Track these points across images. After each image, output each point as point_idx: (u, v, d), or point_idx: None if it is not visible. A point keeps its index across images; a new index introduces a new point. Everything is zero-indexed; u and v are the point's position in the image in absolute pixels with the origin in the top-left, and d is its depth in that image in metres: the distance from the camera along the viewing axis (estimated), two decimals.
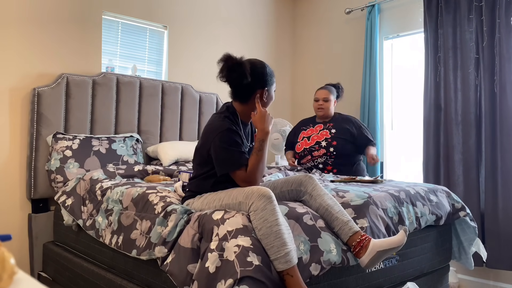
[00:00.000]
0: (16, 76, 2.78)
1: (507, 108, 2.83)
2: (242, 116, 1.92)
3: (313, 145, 3.09)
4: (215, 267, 1.43)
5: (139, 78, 3.25)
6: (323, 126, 3.16)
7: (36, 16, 2.85)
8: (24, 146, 2.81)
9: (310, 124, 3.24)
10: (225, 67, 1.81)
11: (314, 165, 3.08)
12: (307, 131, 3.20)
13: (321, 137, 3.09)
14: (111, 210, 2.13)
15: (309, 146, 3.10)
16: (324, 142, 3.05)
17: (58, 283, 2.55)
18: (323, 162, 3.05)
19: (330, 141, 3.04)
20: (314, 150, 3.07)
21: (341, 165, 3.03)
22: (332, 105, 3.17)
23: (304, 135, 3.20)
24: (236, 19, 4.04)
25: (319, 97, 3.16)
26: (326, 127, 3.14)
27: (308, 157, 3.10)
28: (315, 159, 3.07)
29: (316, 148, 3.07)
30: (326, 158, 3.03)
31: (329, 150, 3.02)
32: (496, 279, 2.94)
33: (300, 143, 3.17)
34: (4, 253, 0.61)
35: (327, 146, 3.03)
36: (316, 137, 3.11)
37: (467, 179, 2.99)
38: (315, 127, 3.19)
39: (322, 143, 3.06)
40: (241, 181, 1.74)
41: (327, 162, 3.04)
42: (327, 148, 3.03)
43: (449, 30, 3.13)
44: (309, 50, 4.40)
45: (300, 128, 3.29)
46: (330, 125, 3.14)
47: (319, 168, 3.06)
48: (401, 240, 1.64)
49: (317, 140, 3.09)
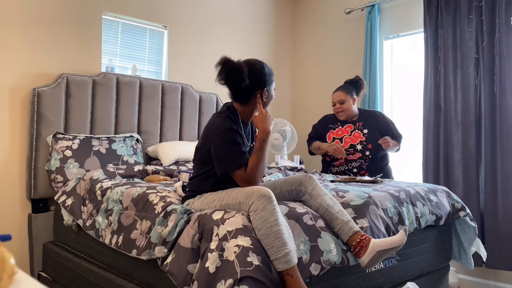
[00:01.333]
0: (16, 76, 2.78)
1: (507, 108, 2.83)
2: (242, 116, 1.92)
3: (347, 148, 2.94)
4: (215, 267, 1.44)
5: (139, 78, 3.25)
6: (353, 126, 3.00)
7: (36, 15, 2.85)
8: (24, 146, 2.81)
9: (338, 123, 3.07)
10: (223, 70, 1.80)
11: (348, 169, 2.94)
12: (337, 131, 3.03)
13: (355, 140, 2.93)
14: (111, 210, 2.13)
15: (344, 149, 2.93)
16: (359, 145, 2.91)
17: (58, 283, 2.55)
18: (357, 166, 2.91)
19: (365, 144, 2.90)
20: (349, 153, 2.93)
21: (374, 169, 2.92)
22: (351, 105, 3.00)
23: (334, 135, 3.03)
24: (236, 19, 4.05)
25: (334, 100, 3.02)
26: (357, 128, 2.98)
27: (342, 160, 2.96)
28: (349, 163, 2.93)
29: (351, 152, 2.93)
30: (361, 162, 2.91)
31: (365, 154, 2.90)
32: (496, 279, 2.94)
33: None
34: (4, 253, 0.61)
35: (363, 150, 2.90)
36: (349, 139, 2.96)
37: (466, 179, 2.99)
38: (344, 127, 3.02)
39: (357, 147, 2.91)
40: (241, 181, 1.74)
41: (361, 166, 2.91)
42: (363, 152, 2.90)
43: (449, 30, 3.13)
44: (309, 50, 4.40)
45: (328, 125, 3.10)
46: (360, 125, 2.98)
47: (353, 173, 2.93)
48: (401, 240, 1.65)
49: (352, 143, 2.94)
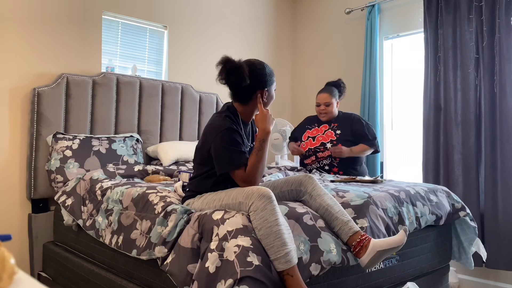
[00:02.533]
0: (16, 76, 2.78)
1: (507, 108, 2.83)
2: (242, 116, 1.92)
3: (318, 146, 3.05)
4: (215, 267, 1.44)
5: (139, 78, 3.25)
6: (328, 126, 3.11)
7: (36, 16, 2.85)
8: (24, 146, 2.81)
9: (315, 124, 3.19)
10: (224, 70, 1.80)
11: (320, 167, 3.03)
12: (312, 131, 3.15)
13: (326, 139, 3.04)
14: (111, 210, 2.13)
15: (314, 147, 3.05)
16: (329, 144, 3.01)
17: (58, 283, 2.55)
18: (328, 164, 3.00)
19: (335, 144, 2.99)
20: (319, 151, 3.03)
21: (347, 168, 2.99)
22: (334, 108, 3.10)
23: (309, 134, 3.15)
24: (236, 19, 4.05)
25: (320, 101, 3.09)
26: (331, 128, 3.09)
27: (313, 157, 3.06)
28: (320, 160, 3.03)
29: (321, 150, 3.03)
30: (332, 160, 2.99)
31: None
32: (496, 279, 2.94)
33: (305, 143, 3.13)
34: (4, 253, 0.61)
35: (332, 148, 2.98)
36: (321, 138, 3.06)
37: (466, 179, 2.99)
38: (320, 127, 3.14)
39: (327, 145, 3.01)
40: (241, 180, 1.74)
41: (333, 164, 3.00)
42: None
43: (449, 30, 3.13)
44: (309, 50, 4.40)
45: (305, 126, 3.23)
46: (334, 125, 3.09)
47: (325, 170, 3.01)
48: (401, 240, 1.65)
49: (322, 141, 3.05)
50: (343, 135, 3.03)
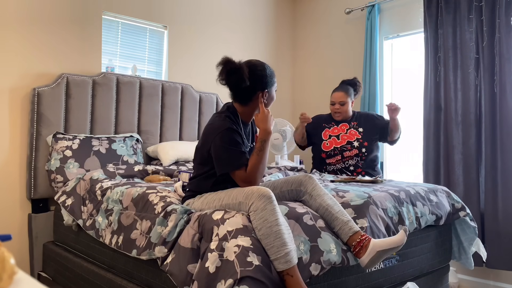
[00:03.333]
0: (16, 76, 2.78)
1: (507, 108, 2.83)
2: (242, 116, 1.92)
3: (344, 145, 2.94)
4: (215, 267, 1.44)
5: (139, 78, 3.25)
6: (348, 125, 3.01)
7: (36, 16, 2.85)
8: (24, 146, 2.81)
9: (333, 123, 3.06)
10: (224, 71, 1.79)
11: (344, 167, 2.93)
12: (333, 129, 3.02)
13: (351, 137, 2.94)
14: (111, 210, 2.13)
15: (340, 146, 2.94)
16: (356, 142, 2.92)
17: (58, 283, 2.55)
18: (354, 164, 2.91)
19: (361, 142, 2.91)
20: (346, 150, 2.93)
21: (369, 168, 2.94)
22: (349, 107, 3.01)
23: (329, 132, 3.03)
24: (236, 19, 4.05)
25: (335, 100, 3.00)
26: (353, 126, 2.99)
27: (338, 157, 2.94)
28: (345, 160, 2.92)
29: (348, 148, 2.93)
30: (357, 160, 2.91)
31: (361, 150, 2.91)
32: (496, 279, 2.94)
33: (328, 142, 2.99)
34: (4, 253, 0.61)
35: (359, 147, 2.91)
36: (346, 137, 2.96)
37: (467, 179, 2.99)
38: (339, 126, 3.02)
39: (354, 143, 2.92)
40: (241, 181, 1.74)
41: (357, 164, 2.91)
42: (359, 149, 2.91)
43: (449, 30, 3.13)
44: (309, 50, 4.40)
45: (322, 125, 3.09)
46: (355, 124, 3.00)
47: (349, 171, 2.92)
48: (401, 240, 1.65)
49: (348, 139, 2.95)
50: (366, 133, 2.96)
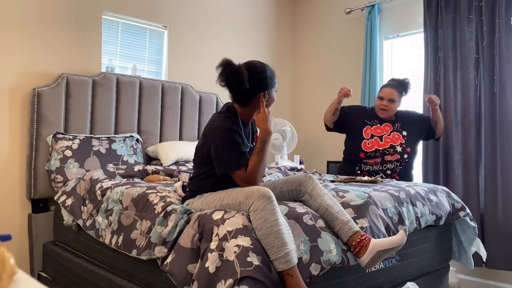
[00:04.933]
0: (16, 76, 2.78)
1: (507, 108, 2.83)
2: (242, 117, 1.92)
3: (387, 148, 2.82)
4: (215, 267, 1.44)
5: (139, 78, 3.25)
6: (392, 127, 2.90)
7: (36, 16, 2.85)
8: (24, 146, 2.81)
9: (375, 120, 2.93)
10: (223, 73, 1.79)
11: (381, 170, 2.83)
12: (375, 128, 2.90)
13: (395, 141, 2.82)
14: (111, 210, 2.13)
15: (383, 148, 2.82)
16: (399, 147, 2.81)
17: (58, 283, 2.55)
18: (392, 168, 2.82)
19: (404, 147, 2.81)
20: (388, 153, 2.81)
21: (405, 174, 2.86)
22: (396, 107, 2.89)
23: (372, 132, 2.89)
24: (236, 19, 4.05)
25: (385, 96, 2.85)
26: (396, 129, 2.88)
27: (378, 159, 2.83)
28: (384, 163, 2.82)
29: (390, 152, 2.81)
30: (397, 164, 2.82)
31: (403, 156, 2.81)
32: (496, 279, 2.94)
33: (369, 142, 2.85)
34: (4, 253, 0.61)
35: (402, 152, 2.81)
36: (389, 139, 2.84)
37: (466, 179, 2.99)
38: (383, 125, 2.90)
39: (397, 148, 2.80)
40: (241, 181, 1.74)
41: (395, 169, 2.82)
42: (401, 155, 2.81)
43: (449, 30, 3.13)
44: (309, 50, 4.40)
45: (364, 120, 2.94)
46: (398, 126, 2.89)
47: (386, 174, 2.83)
48: (401, 240, 1.65)
49: (391, 143, 2.83)
50: (410, 136, 2.86)
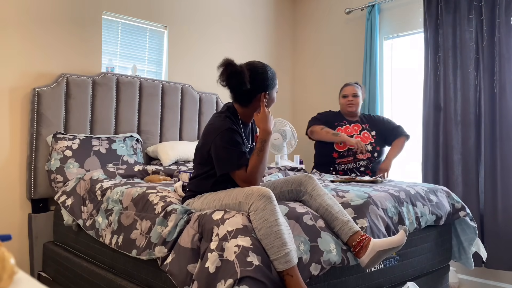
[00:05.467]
0: (16, 76, 2.78)
1: (506, 108, 2.83)
2: (242, 117, 1.92)
3: None
4: (215, 267, 1.44)
5: (139, 78, 3.25)
6: (361, 126, 3.07)
7: (36, 16, 2.85)
8: (24, 146, 2.81)
9: (344, 121, 3.11)
10: (225, 73, 1.80)
11: (356, 167, 2.99)
12: (345, 129, 3.08)
13: (365, 140, 3.01)
14: (111, 210, 2.13)
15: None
16: (369, 146, 2.99)
17: (58, 283, 2.55)
18: (365, 165, 2.98)
19: (374, 146, 2.99)
20: (359, 152, 2.98)
21: (375, 169, 3.04)
22: (361, 101, 3.10)
23: (342, 132, 3.07)
24: (236, 19, 4.05)
25: (348, 93, 3.09)
26: (365, 128, 3.06)
27: (350, 158, 3.00)
28: (357, 161, 2.98)
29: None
30: (368, 162, 2.98)
31: (374, 154, 2.99)
32: (496, 279, 2.94)
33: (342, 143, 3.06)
34: (4, 253, 0.61)
35: (372, 150, 2.98)
36: (360, 139, 3.02)
37: (466, 179, 2.99)
38: (351, 126, 3.08)
39: (368, 147, 2.99)
40: (241, 181, 1.74)
41: (368, 166, 2.99)
42: (372, 153, 2.98)
43: (449, 30, 3.13)
44: (309, 50, 4.40)
45: (334, 122, 3.13)
46: (367, 126, 3.06)
47: (360, 171, 2.99)
48: (401, 240, 1.65)
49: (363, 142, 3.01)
50: (378, 137, 3.03)
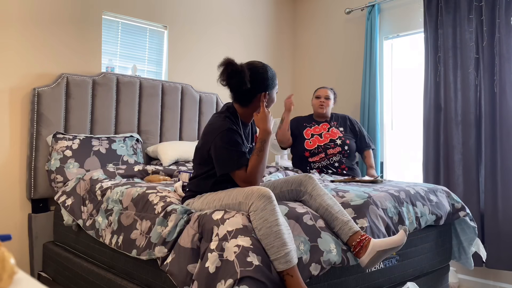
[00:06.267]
0: (16, 76, 2.78)
1: (507, 108, 2.83)
2: (242, 117, 1.92)
3: (327, 143, 3.06)
4: (215, 267, 1.44)
5: (139, 78, 3.25)
6: (328, 124, 3.17)
7: (36, 16, 2.85)
8: (24, 146, 2.81)
9: (313, 122, 3.21)
10: (225, 72, 1.80)
11: (329, 164, 3.05)
12: (313, 129, 3.16)
13: (334, 135, 3.09)
14: (111, 210, 2.13)
15: (324, 144, 3.07)
16: (338, 140, 3.06)
17: (58, 283, 2.55)
18: (338, 160, 3.04)
19: (343, 140, 3.07)
20: (329, 147, 3.05)
21: (351, 165, 3.09)
22: (332, 104, 3.21)
23: (312, 132, 3.15)
24: (236, 19, 4.05)
25: (321, 94, 3.20)
26: (333, 126, 3.16)
27: (322, 155, 3.05)
28: (330, 157, 3.04)
29: (331, 146, 3.05)
30: (341, 156, 3.04)
31: (344, 148, 3.05)
32: (496, 279, 2.94)
33: (311, 140, 3.10)
34: (4, 253, 0.61)
35: (342, 144, 3.05)
36: (328, 135, 3.10)
37: (467, 179, 2.99)
38: (320, 125, 3.17)
39: (337, 141, 3.06)
40: (241, 181, 1.74)
41: (341, 161, 3.04)
42: (342, 146, 3.05)
43: (449, 30, 3.13)
44: (309, 50, 4.40)
45: (302, 124, 3.23)
46: (335, 123, 3.17)
47: (335, 167, 3.04)
48: (401, 240, 1.65)
49: (331, 138, 3.08)
50: (346, 132, 3.14)
